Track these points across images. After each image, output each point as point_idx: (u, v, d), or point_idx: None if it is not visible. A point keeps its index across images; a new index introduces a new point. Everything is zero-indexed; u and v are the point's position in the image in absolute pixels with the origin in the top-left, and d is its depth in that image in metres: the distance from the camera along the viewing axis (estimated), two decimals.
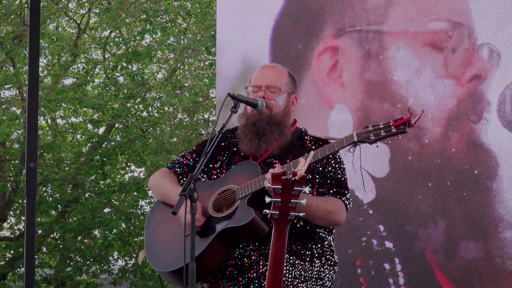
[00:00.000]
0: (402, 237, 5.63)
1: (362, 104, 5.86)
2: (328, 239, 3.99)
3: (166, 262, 3.91)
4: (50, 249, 16.33)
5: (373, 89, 5.82)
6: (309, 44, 6.24)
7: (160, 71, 17.49)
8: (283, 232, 3.27)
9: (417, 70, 5.61)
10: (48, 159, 16.15)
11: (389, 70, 5.75)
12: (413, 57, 5.65)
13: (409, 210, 5.59)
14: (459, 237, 5.37)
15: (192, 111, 16.12)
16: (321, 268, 3.93)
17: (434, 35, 5.56)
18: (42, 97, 14.77)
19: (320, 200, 3.86)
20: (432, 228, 5.47)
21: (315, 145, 3.99)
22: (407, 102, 5.63)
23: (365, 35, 5.87)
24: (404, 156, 5.63)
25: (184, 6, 15.97)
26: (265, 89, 4.01)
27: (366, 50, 5.88)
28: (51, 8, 15.63)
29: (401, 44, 5.69)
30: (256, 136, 3.95)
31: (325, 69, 6.12)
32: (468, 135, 5.39)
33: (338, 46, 6.05)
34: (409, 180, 5.62)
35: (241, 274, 3.88)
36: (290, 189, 3.23)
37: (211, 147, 3.77)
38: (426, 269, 5.49)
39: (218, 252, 3.84)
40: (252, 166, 3.89)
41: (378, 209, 5.76)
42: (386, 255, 5.68)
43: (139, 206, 16.08)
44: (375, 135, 3.64)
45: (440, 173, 5.47)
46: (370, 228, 5.78)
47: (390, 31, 5.78)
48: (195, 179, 3.55)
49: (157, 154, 15.03)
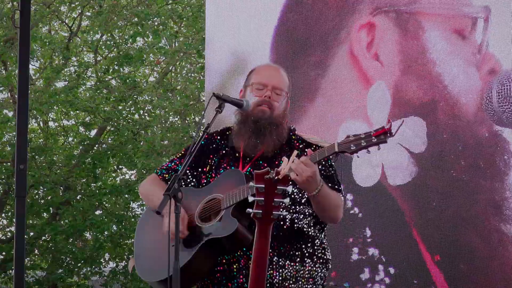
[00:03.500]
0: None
1: (398, 81, 5.86)
2: (319, 237, 4.00)
3: (153, 271, 3.93)
4: (41, 251, 16.34)
5: (409, 67, 5.80)
6: (344, 22, 6.20)
7: (152, 74, 17.52)
8: (266, 231, 3.30)
9: (452, 51, 5.60)
10: (40, 162, 16.15)
11: (426, 50, 5.75)
12: (449, 39, 5.63)
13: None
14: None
15: (183, 114, 16.16)
16: (313, 267, 3.94)
17: (468, 19, 5.57)
18: (34, 100, 14.78)
19: (333, 194, 3.88)
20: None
21: (301, 145, 4.02)
22: (443, 82, 5.64)
23: (401, 15, 5.86)
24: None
25: (176, 10, 16.01)
26: (272, 89, 4.03)
27: (402, 29, 5.86)
28: (43, 11, 15.66)
29: (437, 25, 5.70)
30: (255, 133, 3.97)
31: (362, 45, 6.08)
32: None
33: (374, 23, 6.01)
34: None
35: (230, 280, 3.89)
36: (273, 188, 3.27)
37: (195, 147, 3.75)
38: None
39: (204, 262, 3.85)
40: (238, 175, 3.88)
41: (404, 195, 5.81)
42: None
43: (130, 209, 16.08)
44: (355, 145, 3.64)
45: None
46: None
47: (427, 13, 5.75)
48: (179, 178, 3.54)
49: (148, 157, 15.05)
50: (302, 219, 3.94)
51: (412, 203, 5.68)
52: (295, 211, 3.92)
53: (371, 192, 5.86)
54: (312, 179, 3.67)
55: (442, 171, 5.54)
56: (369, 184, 5.89)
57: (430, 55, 5.70)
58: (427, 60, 5.72)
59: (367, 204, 5.89)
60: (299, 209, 3.94)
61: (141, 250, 4.07)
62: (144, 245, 4.07)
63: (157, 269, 3.86)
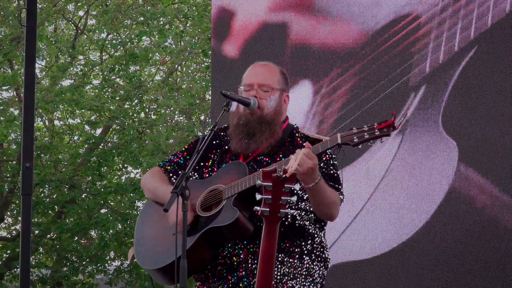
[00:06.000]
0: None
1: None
2: (319, 235, 4.00)
3: (153, 259, 3.93)
4: (47, 249, 16.38)
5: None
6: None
7: (158, 73, 17.55)
8: (273, 229, 3.31)
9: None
10: (46, 160, 16.19)
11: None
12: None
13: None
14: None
15: (188, 113, 16.19)
16: (311, 265, 3.93)
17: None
18: (40, 99, 14.81)
19: (330, 190, 3.86)
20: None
21: (305, 142, 3.94)
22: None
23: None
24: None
25: (181, 9, 16.03)
26: (257, 87, 3.98)
27: None
28: (49, 10, 15.69)
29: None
30: (247, 136, 3.95)
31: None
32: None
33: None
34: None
35: (230, 273, 3.89)
36: (280, 187, 3.27)
37: (203, 145, 3.78)
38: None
39: (203, 251, 3.86)
40: (240, 166, 3.90)
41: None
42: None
43: (135, 207, 16.11)
44: (358, 138, 3.65)
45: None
46: None
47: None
48: (186, 176, 3.57)
49: (153, 156, 15.08)
50: (303, 216, 3.94)
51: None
52: (298, 207, 3.93)
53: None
54: (312, 171, 3.66)
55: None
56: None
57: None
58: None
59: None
60: (302, 205, 3.94)
61: (141, 240, 4.08)
62: (145, 235, 4.08)
63: (157, 258, 3.89)
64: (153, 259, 3.95)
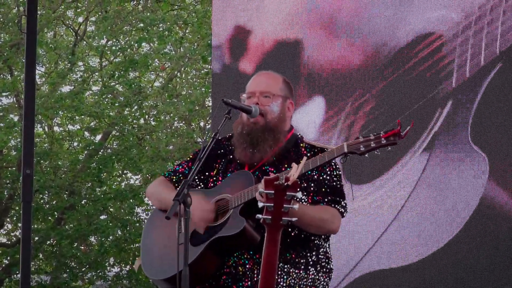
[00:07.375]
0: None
1: None
2: (324, 246, 3.99)
3: (159, 270, 3.92)
4: (46, 255, 16.38)
5: None
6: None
7: (157, 79, 17.57)
8: (275, 237, 3.30)
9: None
10: (45, 166, 16.20)
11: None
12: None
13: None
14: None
15: (188, 119, 16.20)
16: (316, 276, 3.92)
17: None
18: (39, 105, 14.82)
19: (314, 209, 3.84)
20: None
21: (310, 152, 3.97)
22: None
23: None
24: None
25: (181, 16, 16.06)
26: (259, 95, 3.97)
27: None
28: (49, 16, 15.71)
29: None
30: (251, 145, 3.94)
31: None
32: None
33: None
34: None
35: (236, 283, 3.88)
36: (282, 194, 3.26)
37: (205, 153, 3.76)
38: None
39: (211, 260, 3.86)
40: (247, 176, 3.88)
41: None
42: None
43: (135, 213, 16.12)
44: (365, 146, 3.64)
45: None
46: None
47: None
48: (188, 184, 3.55)
49: (153, 162, 15.10)
50: None
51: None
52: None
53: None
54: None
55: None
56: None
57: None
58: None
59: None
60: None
61: (148, 250, 4.07)
62: (151, 244, 4.07)
63: (163, 268, 3.88)
64: (159, 269, 3.94)
